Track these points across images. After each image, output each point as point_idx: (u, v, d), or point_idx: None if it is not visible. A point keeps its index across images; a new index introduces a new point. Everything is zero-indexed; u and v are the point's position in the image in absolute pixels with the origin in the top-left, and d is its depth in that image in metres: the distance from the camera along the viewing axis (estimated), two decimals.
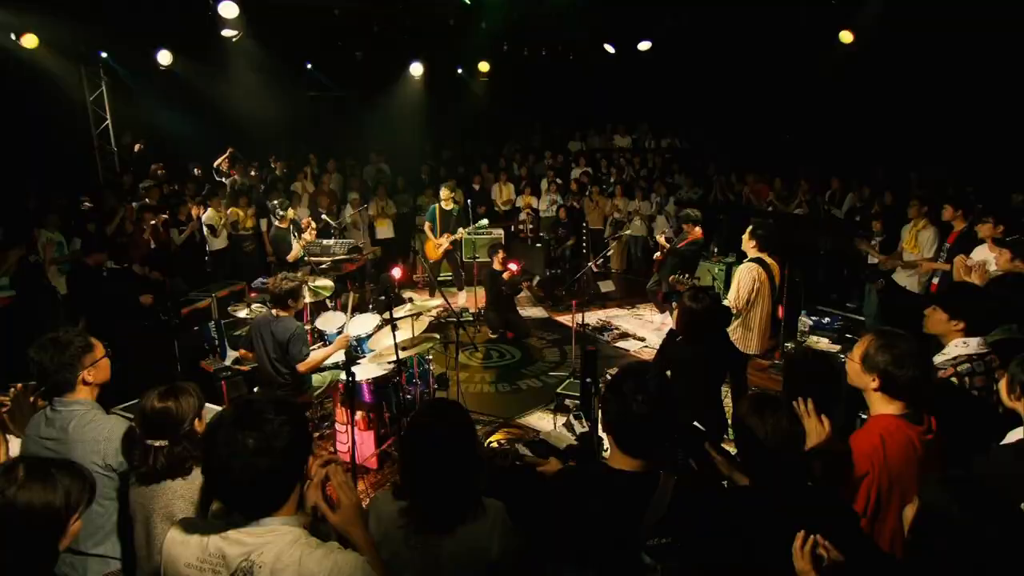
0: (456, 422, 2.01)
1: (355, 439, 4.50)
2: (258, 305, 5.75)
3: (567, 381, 6.18)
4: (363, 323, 5.91)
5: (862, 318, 7.64)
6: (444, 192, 9.31)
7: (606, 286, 9.49)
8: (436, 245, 9.36)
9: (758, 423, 2.03)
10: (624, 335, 8.15)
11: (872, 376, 2.33)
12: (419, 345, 5.00)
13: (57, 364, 2.39)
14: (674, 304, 4.87)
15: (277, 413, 1.62)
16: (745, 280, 4.94)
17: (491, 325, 8.13)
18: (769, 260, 5.08)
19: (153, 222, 8.68)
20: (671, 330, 3.76)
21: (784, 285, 6.94)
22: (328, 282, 6.21)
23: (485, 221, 9.26)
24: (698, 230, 7.77)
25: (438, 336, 5.23)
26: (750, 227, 5.17)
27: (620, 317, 8.99)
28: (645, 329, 8.31)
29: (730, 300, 4.93)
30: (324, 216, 8.44)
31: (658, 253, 8.57)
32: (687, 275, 5.98)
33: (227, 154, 10.85)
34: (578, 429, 3.79)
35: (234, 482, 1.59)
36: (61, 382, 2.42)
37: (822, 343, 5.16)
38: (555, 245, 10.84)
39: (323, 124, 12.73)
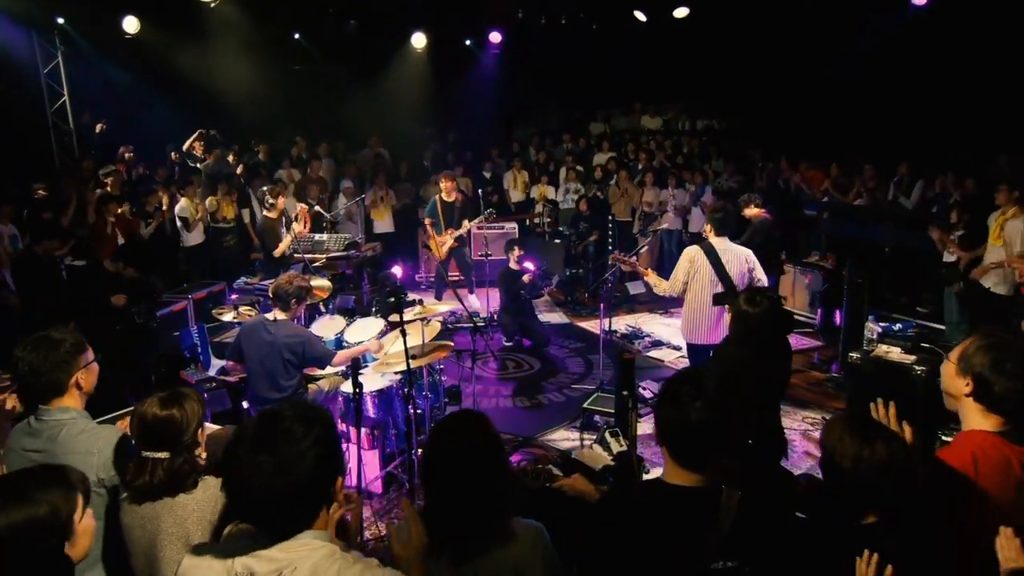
0: (483, 436, 2.06)
1: (359, 459, 4.54)
2: (246, 308, 5.81)
3: (594, 395, 6.23)
4: (365, 328, 5.97)
5: (941, 326, 7.63)
6: (444, 183, 9.32)
7: (635, 288, 9.51)
8: (439, 243, 9.40)
9: (870, 454, 2.00)
10: (657, 343, 8.17)
11: (966, 380, 2.33)
12: (430, 354, 5.04)
13: (50, 364, 2.43)
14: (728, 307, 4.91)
15: (306, 428, 1.66)
16: (681, 263, 5.51)
17: (506, 331, 8.17)
18: (725, 246, 5.45)
19: (119, 211, 8.78)
20: (726, 337, 3.80)
21: (844, 287, 7.04)
22: (325, 282, 6.28)
23: (490, 211, 9.27)
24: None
25: (452, 344, 5.26)
26: (709, 215, 5.61)
27: (652, 323, 9.01)
28: (681, 336, 8.29)
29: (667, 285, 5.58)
30: (316, 207, 8.50)
31: None
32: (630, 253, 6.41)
33: (195, 135, 10.94)
34: (615, 448, 3.82)
35: (257, 504, 1.65)
36: (51, 384, 2.46)
37: (893, 353, 5.16)
38: (576, 241, 10.88)
39: (312, 103, 12.79)
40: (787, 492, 3.12)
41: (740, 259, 5.38)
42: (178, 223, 9.56)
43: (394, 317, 4.92)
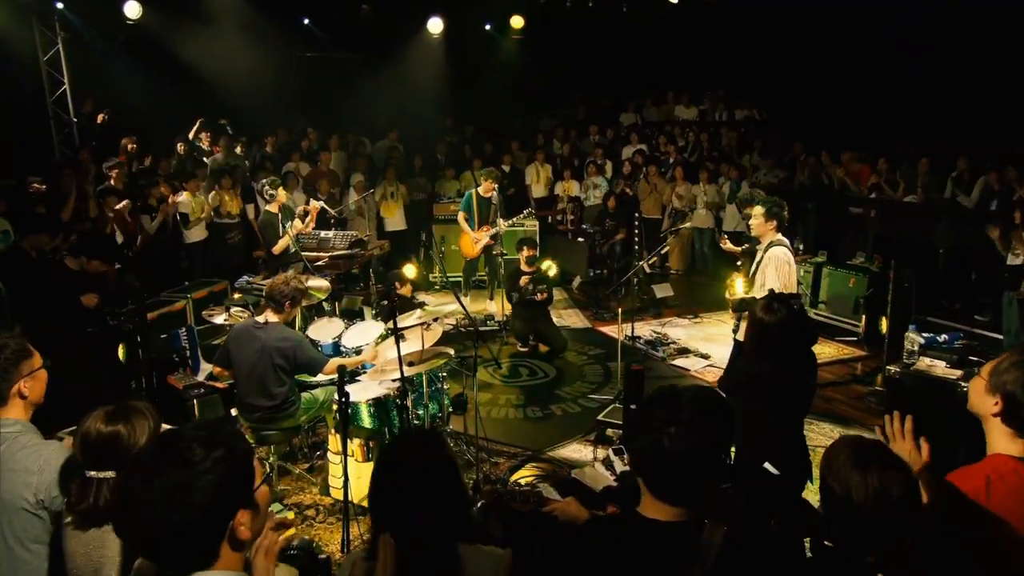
0: (435, 456, 2.04)
1: (347, 473, 4.48)
2: (238, 309, 5.81)
3: (611, 406, 6.14)
4: (364, 332, 5.94)
5: (999, 336, 7.38)
6: (485, 184, 9.17)
7: (662, 290, 9.37)
8: (473, 240, 9.25)
9: (859, 482, 1.93)
10: (683, 351, 8.04)
11: (995, 399, 2.24)
12: (428, 361, 4.99)
13: None
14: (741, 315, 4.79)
15: (205, 451, 1.56)
16: (782, 267, 5.13)
17: (517, 335, 8.13)
18: (788, 244, 5.30)
19: (118, 207, 8.88)
20: (736, 341, 3.68)
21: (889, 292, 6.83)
22: (323, 282, 6.27)
23: (530, 211, 9.21)
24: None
25: (452, 351, 5.20)
26: (765, 206, 5.35)
27: (679, 328, 8.88)
28: (711, 343, 8.18)
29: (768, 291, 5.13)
30: (322, 202, 8.49)
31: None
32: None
33: (197, 125, 11.04)
34: (619, 467, 3.73)
35: (146, 538, 1.56)
36: None
37: (936, 367, 4.97)
38: (601, 240, 10.79)
39: (322, 92, 12.86)
40: (804, 521, 3.00)
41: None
42: (179, 218, 9.65)
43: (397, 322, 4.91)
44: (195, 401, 5.59)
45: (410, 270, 10.75)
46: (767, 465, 3.52)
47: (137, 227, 9.23)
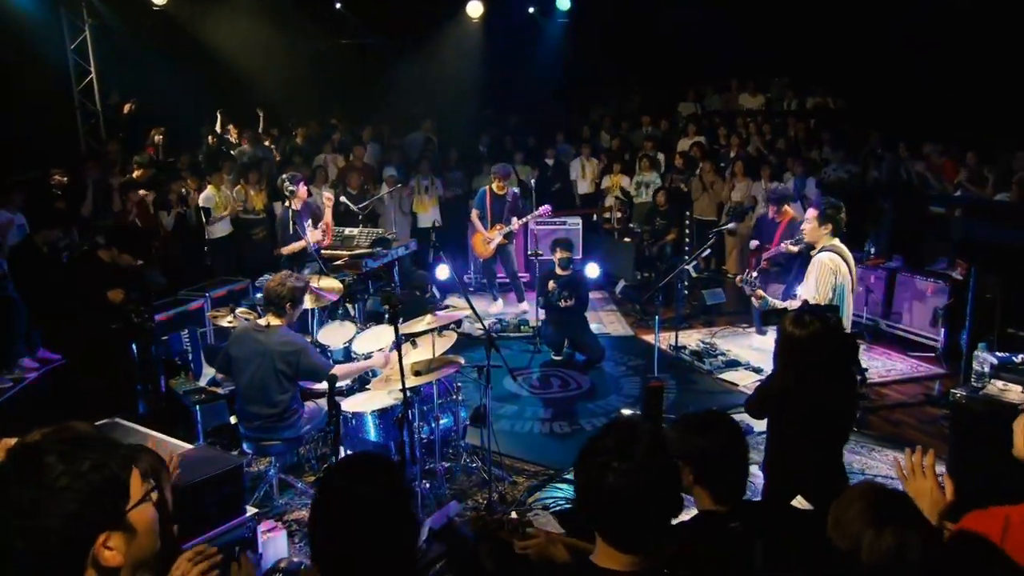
0: (383, 483, 1.97)
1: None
2: (243, 309, 5.85)
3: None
4: (376, 337, 5.91)
5: None
6: (496, 181, 9.32)
7: (713, 296, 9.13)
8: (485, 240, 9.35)
9: (872, 540, 1.78)
10: (733, 363, 7.81)
11: None
12: (438, 370, 4.92)
13: None
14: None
15: (66, 465, 1.42)
16: (824, 275, 4.98)
17: (550, 343, 8.07)
18: (844, 250, 5.16)
19: (138, 200, 9.09)
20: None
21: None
22: (334, 283, 6.24)
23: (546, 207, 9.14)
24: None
25: (462, 360, 5.13)
26: (819, 209, 5.22)
27: (732, 338, 8.63)
28: (766, 356, 7.88)
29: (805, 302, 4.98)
30: (343, 199, 8.51)
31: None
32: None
33: (219, 117, 11.26)
34: None
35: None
36: None
37: (1011, 392, 4.65)
38: (650, 240, 10.60)
39: (355, 81, 12.97)
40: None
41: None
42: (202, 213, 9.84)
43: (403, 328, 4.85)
44: (197, 408, 5.65)
45: (443, 270, 10.86)
46: (799, 500, 3.35)
47: (156, 223, 9.45)
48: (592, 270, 10.58)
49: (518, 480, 5.57)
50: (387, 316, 5.10)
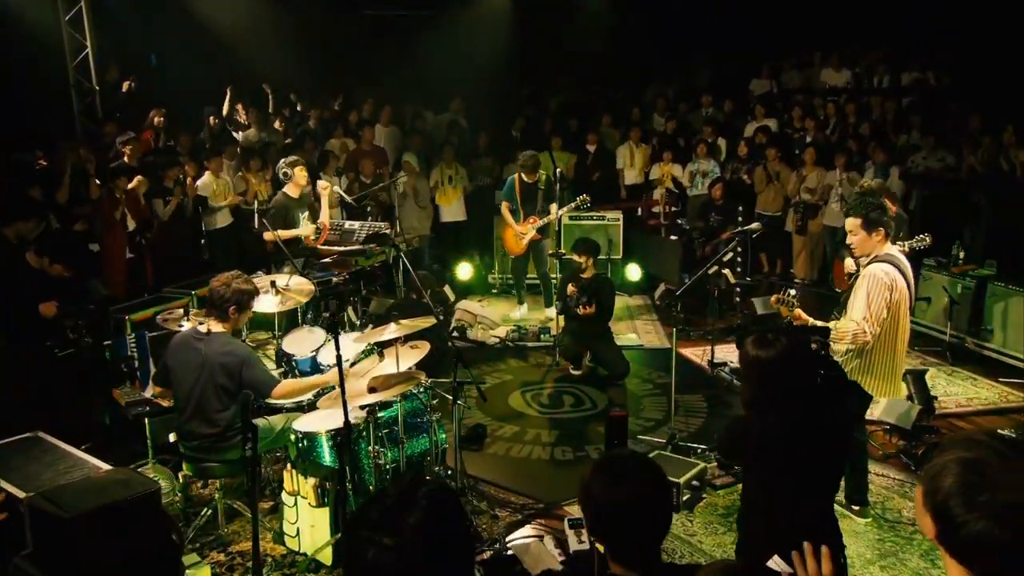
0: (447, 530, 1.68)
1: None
2: (198, 311, 5.81)
3: (657, 451, 5.96)
4: (345, 346, 5.79)
5: None
6: (522, 173, 9.14)
7: (763, 305, 8.75)
8: (518, 235, 9.24)
9: None
10: None
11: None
12: (396, 386, 4.79)
13: None
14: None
15: None
16: (878, 291, 4.62)
17: (567, 355, 7.96)
18: (903, 259, 4.91)
19: (131, 186, 9.19)
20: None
21: None
22: (305, 283, 6.13)
23: (584, 197, 8.88)
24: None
25: (424, 376, 4.99)
26: (860, 212, 4.84)
27: None
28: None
29: (855, 323, 4.63)
30: (336, 188, 8.42)
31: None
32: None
33: (228, 95, 11.36)
34: (573, 545, 3.35)
35: None
36: None
37: None
38: (701, 239, 10.29)
39: (374, 57, 12.95)
40: None
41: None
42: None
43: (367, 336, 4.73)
44: (146, 420, 5.60)
45: (466, 269, 10.76)
46: (775, 561, 3.09)
47: (150, 212, 9.56)
48: (632, 272, 10.37)
49: (500, 514, 5.38)
50: (324, 324, 4.98)
